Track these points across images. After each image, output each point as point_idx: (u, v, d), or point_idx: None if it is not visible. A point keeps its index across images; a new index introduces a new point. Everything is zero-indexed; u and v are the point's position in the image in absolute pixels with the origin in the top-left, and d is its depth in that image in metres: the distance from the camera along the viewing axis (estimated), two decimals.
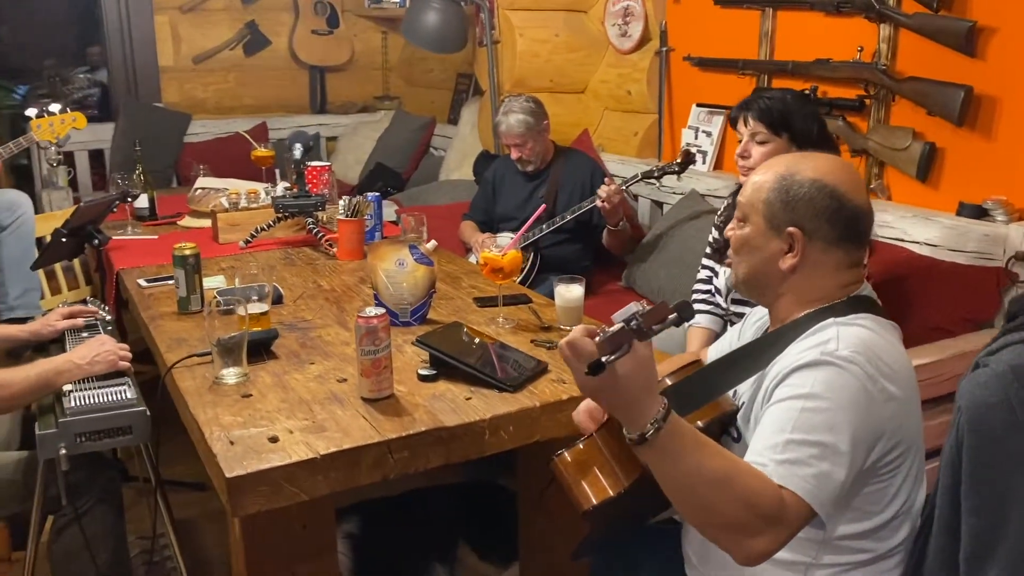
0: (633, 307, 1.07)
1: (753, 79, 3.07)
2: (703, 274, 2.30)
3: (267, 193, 2.87)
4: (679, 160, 2.84)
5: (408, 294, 1.94)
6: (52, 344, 2.10)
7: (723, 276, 2.17)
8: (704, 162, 3.30)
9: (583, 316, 2.00)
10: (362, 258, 2.51)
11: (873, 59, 2.61)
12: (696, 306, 2.27)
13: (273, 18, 5.01)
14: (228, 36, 4.93)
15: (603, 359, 1.02)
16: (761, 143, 2.06)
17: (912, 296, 2.27)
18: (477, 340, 1.79)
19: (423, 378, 1.66)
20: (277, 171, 3.35)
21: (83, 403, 1.73)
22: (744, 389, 1.32)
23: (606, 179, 2.95)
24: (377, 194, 2.68)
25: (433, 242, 2.10)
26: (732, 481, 1.06)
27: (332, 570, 1.64)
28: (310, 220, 2.66)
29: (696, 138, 3.36)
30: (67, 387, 1.78)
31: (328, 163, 3.03)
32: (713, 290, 2.24)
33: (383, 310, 1.58)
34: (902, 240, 2.42)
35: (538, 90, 3.61)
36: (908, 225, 2.42)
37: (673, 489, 1.09)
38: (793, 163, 1.30)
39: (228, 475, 1.31)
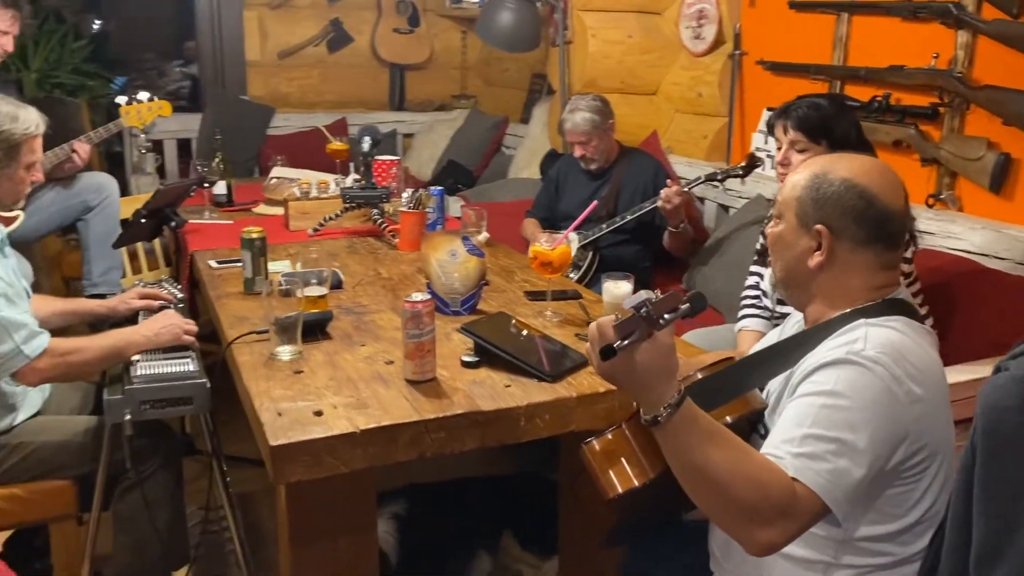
0: (644, 294, 1.09)
1: (825, 84, 3.03)
2: (751, 279, 2.29)
3: (337, 184, 2.97)
4: (743, 164, 2.82)
5: (459, 284, 1.99)
6: (127, 321, 2.23)
7: (768, 278, 2.16)
8: (772, 167, 3.26)
9: None
10: (422, 251, 2.57)
11: (949, 66, 2.54)
12: (745, 310, 2.27)
13: (356, 16, 5.15)
14: (313, 33, 5.09)
15: (614, 344, 1.05)
16: (801, 151, 2.06)
17: (977, 310, 2.21)
18: (524, 332, 1.83)
19: (466, 364, 1.71)
20: (351, 164, 3.45)
21: (148, 372, 1.84)
22: (774, 387, 1.33)
23: (668, 180, 2.95)
24: (440, 188, 2.74)
25: (485, 234, 2.15)
26: (743, 470, 1.08)
27: (372, 545, 1.70)
28: (375, 211, 2.75)
29: (766, 142, 3.32)
30: (135, 357, 1.90)
31: (397, 157, 3.11)
32: (761, 293, 2.23)
33: (429, 296, 1.64)
34: (970, 252, 2.35)
35: (609, 91, 3.63)
36: (978, 237, 2.36)
37: (685, 475, 1.11)
38: (829, 163, 1.31)
39: (272, 443, 1.39)
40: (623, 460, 1.28)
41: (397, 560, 2.24)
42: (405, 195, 2.63)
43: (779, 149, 2.12)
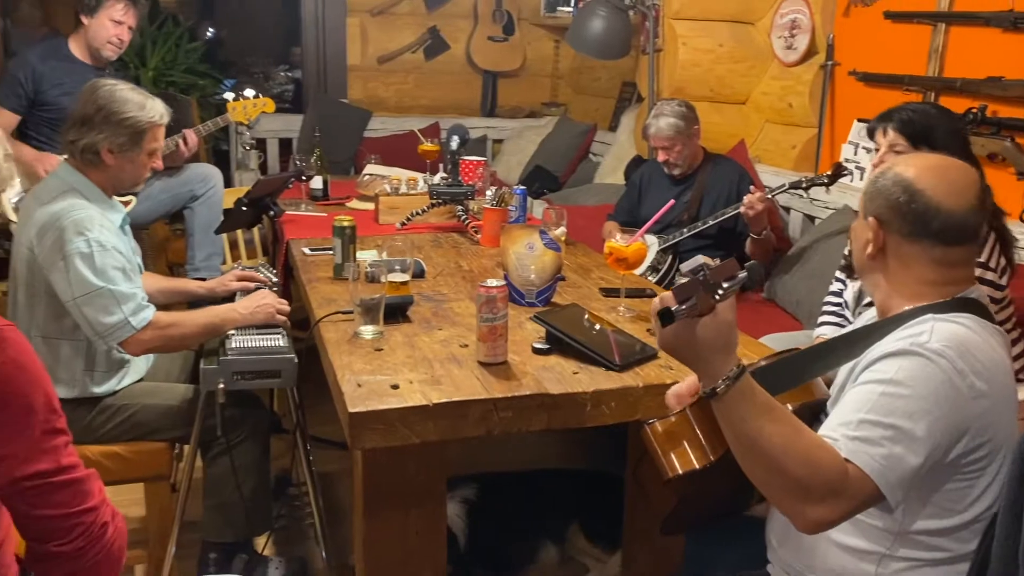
0: (701, 259, 1.13)
1: (919, 95, 2.98)
2: (835, 287, 2.28)
3: (425, 181, 3.08)
4: (829, 173, 2.80)
5: (535, 276, 2.05)
6: (224, 301, 2.37)
7: (851, 289, 2.15)
8: (861, 178, 3.22)
9: None
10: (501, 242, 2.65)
11: None
12: (825, 316, 2.26)
13: (453, 24, 5.30)
14: (411, 40, 5.25)
15: (672, 308, 1.08)
16: (898, 155, 2.03)
17: None
18: (597, 326, 1.88)
19: (537, 351, 1.78)
20: (441, 165, 3.57)
21: (242, 346, 1.97)
22: (839, 379, 1.34)
23: (752, 187, 2.95)
24: (523, 187, 2.82)
25: (563, 228, 2.20)
26: (796, 446, 1.11)
27: (440, 520, 1.78)
28: (460, 208, 2.85)
29: (855, 154, 3.28)
30: (230, 332, 2.03)
31: (484, 159, 3.21)
32: (843, 303, 2.22)
33: (503, 282, 1.71)
34: None
35: (697, 99, 3.64)
36: None
37: (740, 447, 1.14)
38: (904, 159, 1.34)
39: (351, 410, 1.48)
40: (685, 443, 1.31)
41: (465, 543, 2.31)
42: (489, 193, 2.72)
43: (876, 151, 2.10)
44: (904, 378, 1.15)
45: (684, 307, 1.08)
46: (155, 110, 2.07)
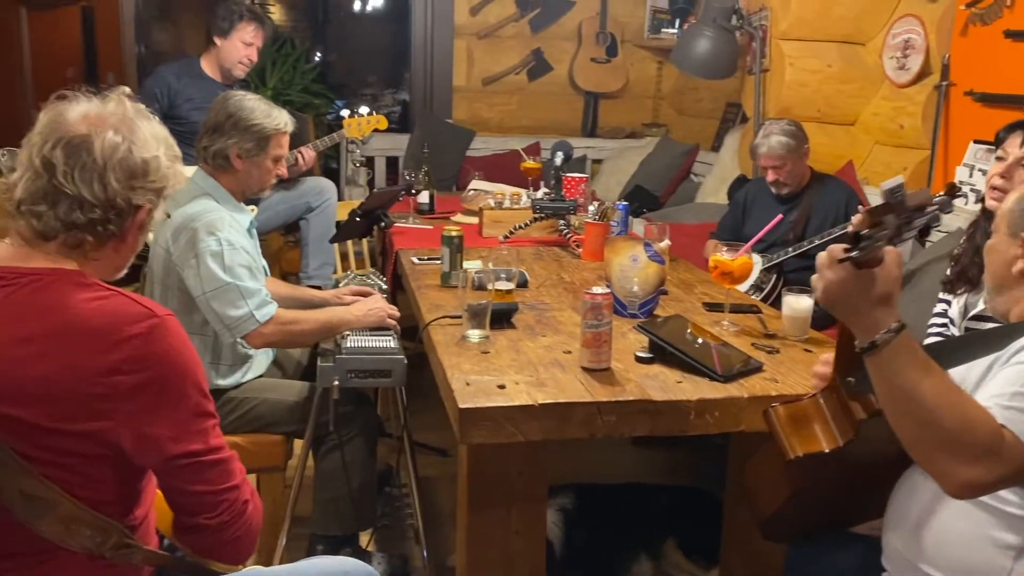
0: (901, 178, 1.10)
1: None
2: (939, 307, 2.23)
3: (528, 196, 3.16)
4: (942, 194, 2.72)
5: (638, 288, 2.09)
6: None
7: (956, 305, 2.10)
8: (976, 200, 3.12)
9: (810, 329, 2.03)
10: (604, 259, 2.69)
11: None
12: (931, 338, 2.21)
13: (557, 46, 5.39)
14: (515, 62, 5.37)
15: (863, 233, 1.05)
16: None
17: None
18: (700, 339, 1.89)
19: (640, 359, 1.81)
20: (542, 182, 3.65)
21: (356, 345, 2.07)
22: (974, 375, 1.32)
23: (860, 207, 2.90)
24: (625, 203, 2.85)
25: (667, 241, 2.23)
26: (953, 402, 1.11)
27: (540, 521, 1.82)
28: (562, 222, 2.90)
29: (971, 176, 3.18)
30: (346, 333, 2.14)
31: (586, 175, 3.26)
32: (948, 322, 2.16)
33: (608, 290, 1.75)
34: None
35: (804, 119, 3.60)
36: None
37: (893, 401, 1.14)
38: None
39: (461, 406, 1.55)
40: (813, 425, 1.32)
41: (561, 551, 2.34)
42: (591, 208, 2.77)
43: (1000, 160, 2.05)
44: None
45: (874, 232, 1.04)
46: (280, 119, 2.21)
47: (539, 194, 3.18)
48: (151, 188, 1.29)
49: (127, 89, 1.32)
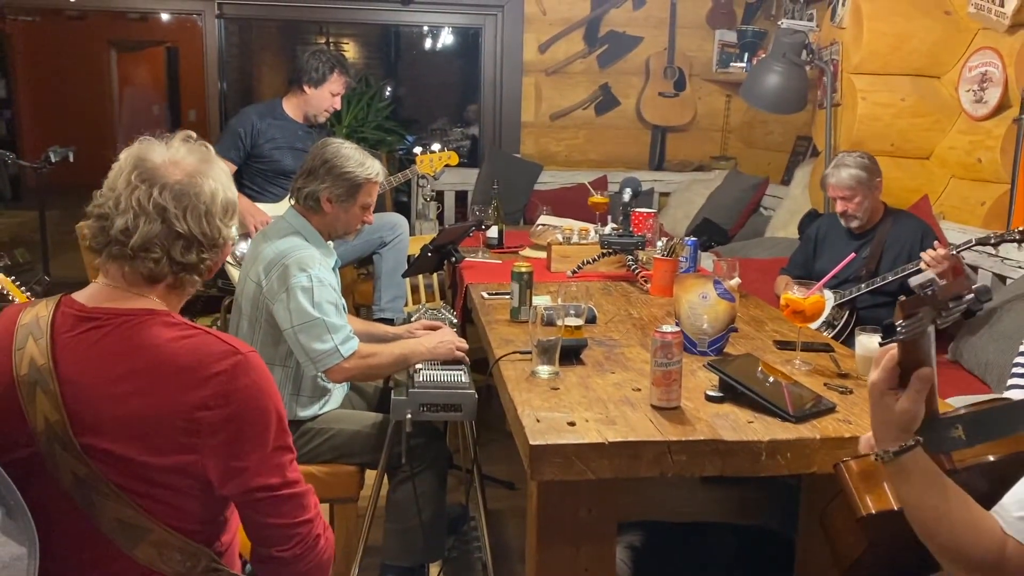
0: (931, 274, 1.12)
1: None
2: None
3: (596, 232, 3.19)
4: (1022, 229, 2.67)
5: (708, 325, 2.09)
6: None
7: None
8: None
9: None
10: (673, 295, 2.70)
11: None
12: (1014, 379, 2.14)
13: (625, 81, 5.43)
14: (583, 97, 5.43)
15: (896, 324, 1.08)
16: None
17: None
18: (772, 378, 1.88)
19: (710, 399, 1.81)
20: (609, 216, 3.67)
21: (429, 379, 2.12)
22: None
23: (935, 243, 2.85)
24: (694, 239, 2.86)
25: (737, 279, 2.23)
26: (949, 520, 1.15)
27: (610, 560, 1.82)
28: (630, 257, 2.92)
29: None
30: (418, 366, 2.19)
31: (654, 210, 3.28)
32: None
33: (678, 328, 1.76)
34: None
35: (877, 153, 3.54)
36: None
37: (901, 505, 1.20)
38: None
39: (532, 443, 1.57)
40: (884, 483, 1.31)
41: None
42: (660, 243, 2.78)
43: None
44: None
45: (907, 323, 1.08)
46: (373, 169, 2.30)
47: (607, 229, 3.21)
48: (233, 224, 1.38)
49: (193, 133, 1.40)
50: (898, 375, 1.15)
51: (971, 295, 1.10)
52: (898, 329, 1.09)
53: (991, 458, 1.24)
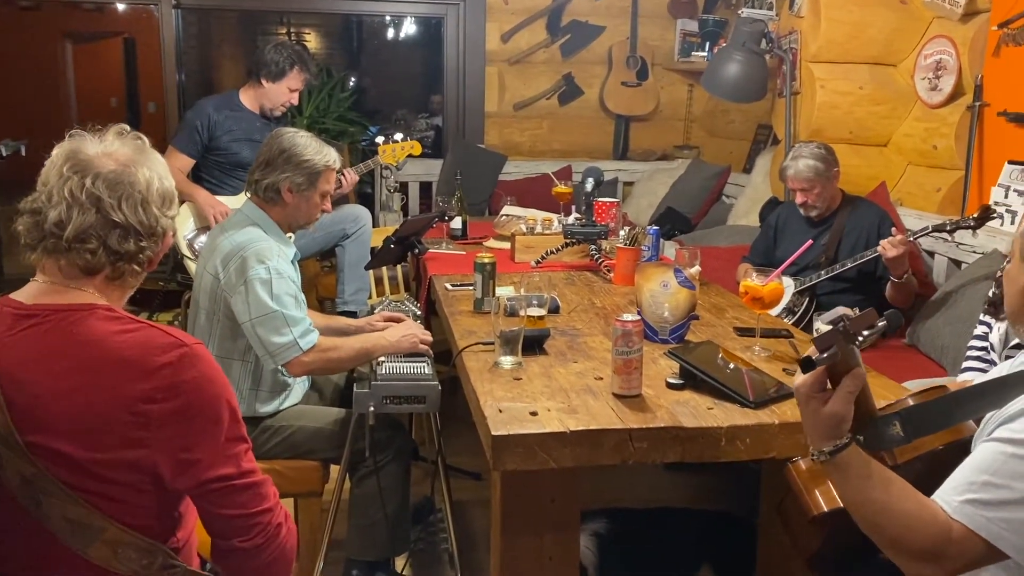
0: (841, 310, 1.19)
1: None
2: (979, 329, 2.21)
3: (560, 222, 3.19)
4: (976, 215, 2.72)
5: (668, 313, 2.10)
6: None
7: (996, 331, 2.08)
8: (1012, 221, 3.09)
9: None
10: (635, 284, 2.71)
11: None
12: (969, 361, 2.19)
13: (588, 71, 5.43)
14: (546, 87, 5.42)
15: (812, 357, 1.13)
16: None
17: None
18: (732, 364, 1.90)
19: (671, 386, 1.82)
20: (573, 207, 3.68)
21: (391, 372, 2.11)
22: (984, 422, 1.32)
23: (892, 229, 2.89)
24: (656, 228, 2.87)
25: (697, 267, 2.24)
26: (891, 512, 1.18)
27: (574, 548, 1.83)
28: (593, 247, 2.93)
29: (1006, 197, 3.15)
30: (381, 359, 2.18)
31: (616, 200, 3.29)
32: (988, 346, 2.14)
33: (638, 317, 1.77)
34: None
35: (836, 141, 3.60)
36: None
37: (844, 502, 1.24)
38: None
39: (494, 433, 1.57)
40: (830, 481, 1.33)
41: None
42: (622, 233, 2.79)
43: None
44: None
45: (825, 356, 1.14)
46: (330, 156, 2.29)
47: (570, 219, 3.21)
48: (173, 215, 1.36)
49: (127, 127, 1.38)
50: (825, 379, 1.20)
51: (883, 322, 1.16)
52: (815, 361, 1.15)
53: (939, 447, 1.27)
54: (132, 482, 1.25)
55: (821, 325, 1.61)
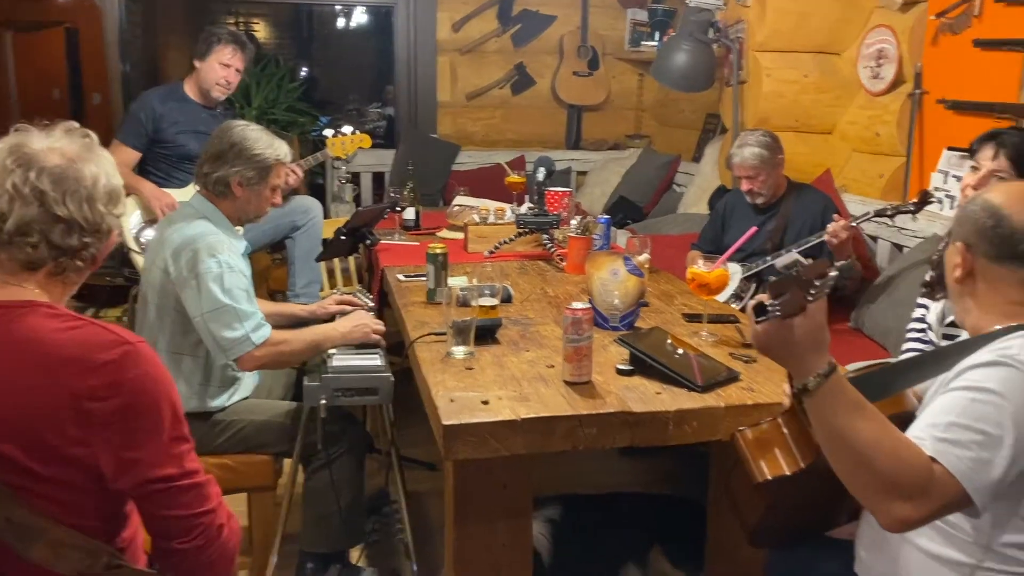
0: (795, 256, 1.19)
1: (1010, 123, 2.94)
2: (918, 312, 2.27)
3: (512, 212, 3.20)
4: (915, 200, 2.79)
5: (618, 301, 2.13)
6: (324, 323, 2.51)
7: (933, 311, 2.14)
8: (951, 206, 3.18)
9: None
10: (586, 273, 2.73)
11: None
12: (909, 343, 2.25)
13: (539, 60, 5.45)
14: (498, 76, 5.42)
15: (766, 303, 1.14)
16: (1000, 180, 2.02)
17: None
18: (680, 350, 1.93)
19: (620, 372, 1.84)
20: (527, 196, 3.69)
21: (342, 364, 2.10)
22: (928, 394, 1.37)
23: (836, 215, 2.96)
24: (607, 217, 2.90)
25: (646, 255, 2.27)
26: (883, 444, 1.16)
27: (527, 533, 1.85)
28: (545, 236, 2.94)
29: (945, 182, 3.24)
30: (331, 351, 2.17)
31: (569, 189, 3.31)
32: (926, 327, 2.21)
33: (588, 305, 1.78)
34: None
35: (782, 129, 3.66)
36: None
37: (829, 442, 1.20)
38: (993, 187, 1.39)
39: (445, 423, 1.58)
40: (776, 449, 1.37)
41: (549, 561, 2.37)
42: (574, 222, 2.81)
43: (974, 170, 2.08)
44: (995, 386, 1.19)
45: (778, 302, 1.14)
46: (281, 149, 2.27)
47: (523, 209, 3.22)
48: (119, 214, 1.34)
49: (75, 124, 1.36)
50: (782, 326, 1.18)
51: (835, 272, 1.17)
52: (769, 309, 1.15)
53: None
54: (75, 482, 1.23)
55: (778, 264, 1.57)
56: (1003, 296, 1.31)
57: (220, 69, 3.54)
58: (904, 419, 1.36)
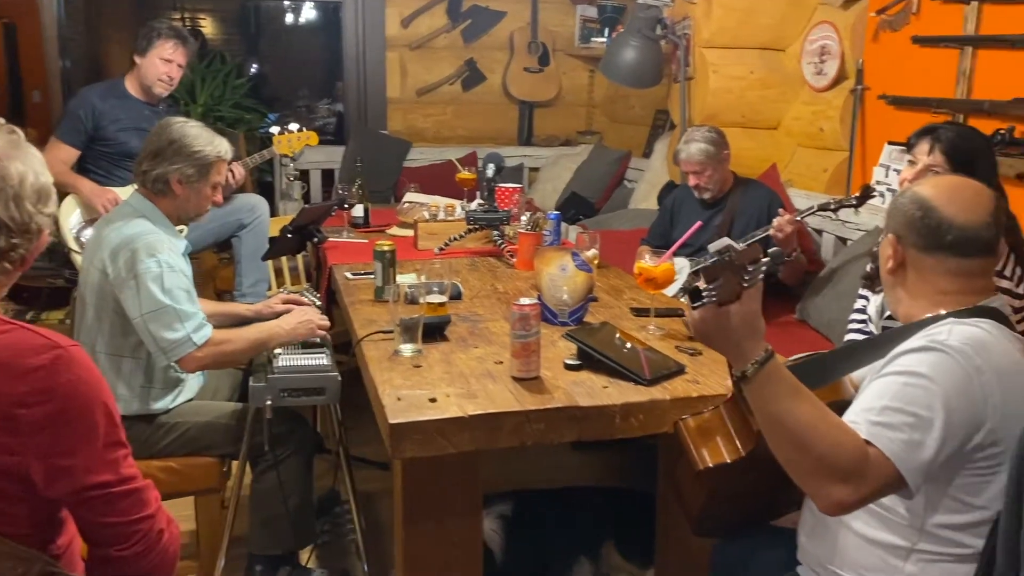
0: (726, 241, 1.19)
1: (948, 117, 3.01)
2: (859, 303, 2.32)
3: (463, 208, 3.19)
4: (858, 195, 2.84)
5: (567, 296, 2.13)
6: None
7: (873, 303, 2.19)
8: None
9: None
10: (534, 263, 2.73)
11: None
12: (850, 334, 2.30)
13: (490, 56, 5.43)
14: (449, 72, 5.39)
15: (700, 288, 1.15)
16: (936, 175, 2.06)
17: None
18: (628, 344, 1.94)
19: (568, 367, 1.85)
20: (478, 192, 3.68)
21: (288, 364, 2.07)
22: (865, 381, 1.40)
23: (781, 209, 3.00)
24: (557, 212, 2.90)
25: (595, 251, 2.28)
26: (819, 428, 1.18)
27: (476, 531, 1.85)
28: (496, 232, 2.94)
29: (887, 176, 3.31)
30: (277, 351, 2.14)
31: (520, 185, 3.31)
32: (867, 318, 2.26)
33: (536, 301, 1.79)
34: None
35: (729, 125, 3.70)
36: None
37: (768, 426, 1.22)
38: (922, 181, 1.42)
39: (391, 421, 1.57)
40: (717, 438, 1.40)
41: (501, 558, 2.37)
42: (524, 218, 2.81)
43: (911, 164, 2.11)
44: (925, 371, 1.23)
45: (713, 287, 1.15)
46: (221, 146, 2.22)
47: (473, 205, 3.21)
48: (49, 213, 1.30)
49: (0, 119, 1.31)
50: (718, 312, 1.20)
51: (767, 258, 1.18)
52: (705, 294, 1.16)
53: None
54: (5, 490, 1.19)
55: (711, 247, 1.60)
56: (932, 286, 1.35)
57: (161, 64, 3.47)
58: (841, 407, 1.39)
